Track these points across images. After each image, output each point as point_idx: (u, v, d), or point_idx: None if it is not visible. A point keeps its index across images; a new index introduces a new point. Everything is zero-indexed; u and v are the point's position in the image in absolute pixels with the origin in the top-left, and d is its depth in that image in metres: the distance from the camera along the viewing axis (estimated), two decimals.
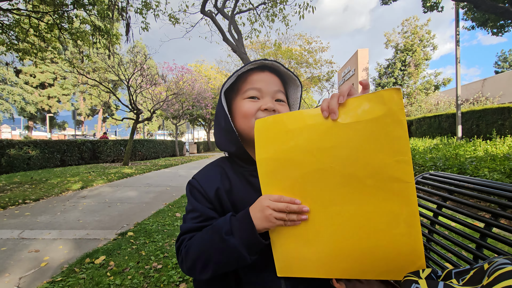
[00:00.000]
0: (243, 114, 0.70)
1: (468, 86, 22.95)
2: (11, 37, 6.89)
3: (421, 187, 1.06)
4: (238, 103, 0.73)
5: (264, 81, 0.71)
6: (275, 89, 0.71)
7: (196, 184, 0.72)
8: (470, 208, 0.81)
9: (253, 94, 0.70)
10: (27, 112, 34.40)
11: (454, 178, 0.92)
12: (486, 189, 0.76)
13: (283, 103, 0.73)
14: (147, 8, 6.43)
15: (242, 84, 0.72)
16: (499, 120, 10.21)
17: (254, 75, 0.71)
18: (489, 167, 4.36)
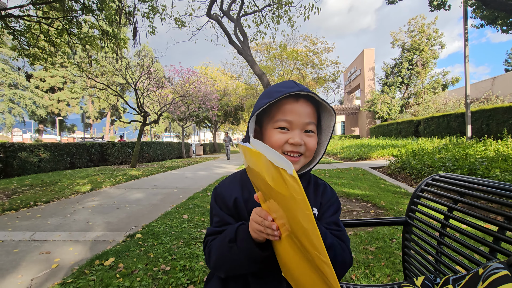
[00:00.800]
0: (271, 144, 0.71)
1: (478, 85, 22.52)
2: (22, 43, 7.06)
3: (430, 189, 1.05)
4: (268, 130, 0.74)
5: (296, 113, 0.70)
6: (306, 121, 0.71)
7: (219, 192, 0.79)
8: (482, 210, 0.80)
9: (284, 125, 0.70)
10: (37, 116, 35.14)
11: (465, 180, 0.90)
12: (498, 191, 0.75)
13: (312, 134, 0.73)
14: (154, 12, 6.52)
15: (274, 110, 0.72)
16: (510, 119, 9.98)
17: (287, 103, 0.70)
18: (500, 168, 4.27)
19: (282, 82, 0.75)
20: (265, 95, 0.72)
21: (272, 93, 0.70)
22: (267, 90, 0.75)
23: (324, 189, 0.82)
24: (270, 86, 0.76)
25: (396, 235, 2.78)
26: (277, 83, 0.75)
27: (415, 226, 1.06)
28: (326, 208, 0.79)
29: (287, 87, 0.70)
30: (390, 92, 25.78)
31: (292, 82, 0.72)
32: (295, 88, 0.69)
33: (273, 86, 0.74)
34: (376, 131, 23.95)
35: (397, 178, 6.47)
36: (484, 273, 0.40)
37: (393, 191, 4.95)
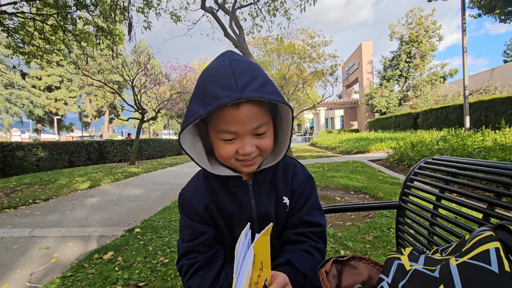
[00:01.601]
0: (220, 156, 0.64)
1: (476, 77, 22.48)
2: (17, 40, 7.00)
3: (423, 172, 1.05)
4: (213, 138, 0.64)
5: (240, 122, 0.57)
6: (254, 127, 0.59)
7: (186, 200, 0.72)
8: (475, 189, 0.80)
9: (229, 138, 0.60)
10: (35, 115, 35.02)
11: (456, 161, 0.90)
12: (488, 169, 0.75)
13: (264, 135, 0.62)
14: (149, 6, 6.45)
15: (214, 118, 0.60)
16: (509, 110, 9.98)
17: (226, 112, 0.57)
18: (498, 157, 4.28)
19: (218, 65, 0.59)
20: (198, 90, 0.59)
21: (205, 96, 0.56)
22: (198, 88, 0.60)
23: (294, 172, 0.76)
24: (201, 78, 0.60)
25: (393, 225, 2.80)
26: (209, 70, 0.60)
27: (408, 209, 1.06)
28: (299, 194, 0.74)
29: (223, 86, 0.55)
30: (389, 85, 25.73)
31: (229, 73, 0.56)
32: (233, 92, 0.53)
33: (207, 75, 0.59)
34: (375, 124, 23.95)
35: (396, 170, 6.48)
36: (470, 237, 0.41)
37: (391, 182, 4.96)
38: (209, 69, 0.60)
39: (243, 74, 0.56)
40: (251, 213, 0.70)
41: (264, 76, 0.58)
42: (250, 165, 0.64)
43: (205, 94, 0.56)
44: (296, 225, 0.73)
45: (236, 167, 0.66)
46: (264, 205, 0.71)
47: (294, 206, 0.74)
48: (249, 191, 0.70)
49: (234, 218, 0.70)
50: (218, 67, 0.58)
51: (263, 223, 0.70)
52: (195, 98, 0.59)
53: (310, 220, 0.72)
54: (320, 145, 18.42)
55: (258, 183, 0.71)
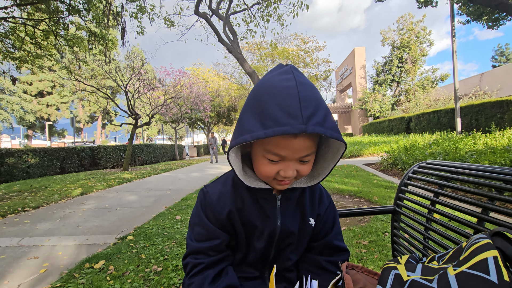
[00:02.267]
0: (260, 173, 0.64)
1: (466, 81, 22.96)
2: (7, 45, 6.90)
3: (417, 176, 1.04)
4: (257, 153, 0.63)
5: (291, 149, 0.57)
6: (303, 155, 0.59)
7: (209, 201, 0.70)
8: (468, 194, 0.80)
9: (276, 159, 0.59)
10: (26, 121, 34.44)
11: (450, 165, 0.90)
12: (482, 173, 0.75)
13: (307, 162, 0.62)
14: (142, 12, 6.44)
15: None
16: (498, 114, 10.20)
17: (282, 137, 0.55)
18: (489, 160, 4.35)
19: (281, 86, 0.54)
20: (257, 108, 0.56)
21: (264, 117, 0.54)
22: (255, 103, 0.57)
23: (320, 197, 0.78)
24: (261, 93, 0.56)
25: (389, 229, 2.80)
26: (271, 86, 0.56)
27: (403, 214, 1.05)
28: (325, 219, 0.77)
29: (287, 111, 0.52)
30: (381, 89, 26.09)
31: (295, 97, 0.52)
32: (298, 122, 0.51)
33: (268, 94, 0.55)
34: (368, 128, 24.19)
35: (390, 174, 6.53)
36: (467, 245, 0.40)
37: (385, 186, 4.99)
38: (272, 86, 0.56)
39: (309, 103, 0.53)
40: (275, 227, 0.71)
41: (325, 107, 0.56)
42: (285, 185, 0.65)
43: (265, 113, 0.54)
44: (325, 250, 0.76)
45: (270, 184, 0.67)
46: (288, 223, 0.72)
47: (321, 230, 0.76)
48: (277, 205, 0.71)
49: (256, 229, 0.71)
50: (283, 88, 0.54)
51: (284, 239, 0.72)
52: (252, 113, 0.56)
53: (339, 245, 0.76)
54: None
55: (286, 200, 0.72)
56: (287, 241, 0.72)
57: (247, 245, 0.72)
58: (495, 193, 0.70)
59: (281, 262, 0.74)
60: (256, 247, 0.71)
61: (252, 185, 0.66)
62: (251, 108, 0.57)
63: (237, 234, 0.71)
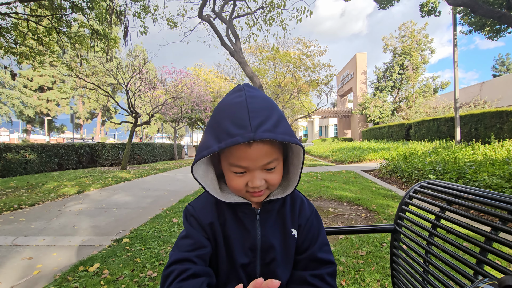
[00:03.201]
0: (231, 187, 0.66)
1: (467, 90, 23.03)
2: (9, 41, 6.88)
3: (419, 196, 1.03)
4: (225, 168, 0.66)
5: (250, 159, 0.60)
6: (264, 163, 0.61)
7: (192, 212, 0.72)
8: (470, 220, 0.79)
9: (240, 171, 0.62)
10: (25, 116, 34.37)
11: (453, 188, 0.89)
12: (486, 200, 0.74)
13: (274, 170, 0.64)
14: (146, 12, 6.44)
15: (226, 152, 0.63)
16: (498, 124, 10.21)
17: (238, 149, 0.59)
18: (488, 171, 4.34)
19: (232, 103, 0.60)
20: (212, 129, 0.61)
21: (219, 132, 0.58)
22: (213, 121, 0.62)
23: (301, 207, 0.76)
24: (217, 111, 0.62)
25: (387, 239, 2.78)
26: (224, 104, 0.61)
27: (403, 234, 1.04)
28: (307, 230, 0.75)
29: (237, 124, 0.56)
30: (382, 96, 26.14)
31: (243, 111, 0.57)
32: (247, 131, 0.55)
33: (222, 110, 0.61)
34: (368, 134, 24.21)
35: (388, 182, 6.52)
36: None
37: (384, 194, 4.98)
38: (225, 104, 0.62)
39: (258, 113, 0.57)
40: (255, 241, 0.70)
41: (278, 115, 0.60)
42: (259, 196, 0.66)
43: (219, 129, 0.59)
44: (309, 264, 0.73)
45: (245, 197, 0.68)
46: (269, 236, 0.71)
47: (303, 242, 0.74)
48: (256, 219, 0.71)
49: (237, 243, 0.70)
50: (234, 104, 0.60)
51: (266, 254, 0.71)
52: (210, 131, 0.61)
53: (323, 257, 0.72)
54: (314, 153, 18.50)
55: (266, 212, 0.72)
56: (271, 255, 0.71)
57: (229, 261, 0.70)
58: (498, 223, 0.69)
59: None
60: (239, 262, 0.70)
61: (229, 201, 0.68)
62: (209, 126, 0.62)
63: (218, 248, 0.70)
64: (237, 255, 0.69)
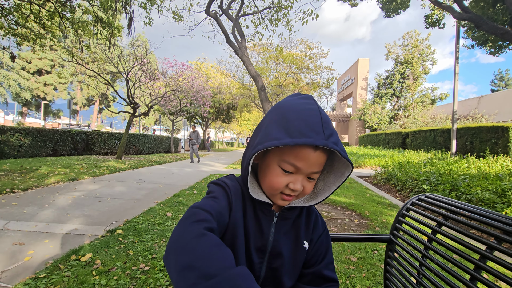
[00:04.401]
0: (269, 181, 0.65)
1: (465, 103, 23.27)
2: (11, 22, 6.78)
3: (416, 209, 1.05)
4: (271, 162, 0.65)
5: (308, 162, 0.61)
6: (315, 171, 0.63)
7: (229, 185, 0.70)
8: (466, 236, 0.81)
9: (290, 170, 0.63)
10: (21, 98, 33.93)
11: (450, 203, 0.91)
12: (482, 218, 0.76)
13: (313, 181, 0.66)
14: (152, 3, 6.38)
15: (287, 147, 0.62)
16: (493, 139, 10.34)
17: (304, 149, 0.60)
18: (481, 186, 4.41)
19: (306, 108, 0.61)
20: (282, 121, 0.61)
21: (291, 128, 0.59)
22: (284, 112, 0.62)
23: (315, 222, 0.78)
24: (289, 105, 0.63)
25: (378, 247, 2.82)
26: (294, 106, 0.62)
27: (398, 245, 1.06)
28: (318, 246, 0.76)
29: (312, 128, 0.58)
30: (381, 102, 26.29)
31: (317, 118, 0.60)
32: (320, 138, 0.57)
33: (294, 112, 0.61)
34: (365, 140, 24.35)
35: (383, 189, 6.58)
36: None
37: (377, 201, 5.03)
38: (296, 105, 0.63)
39: (328, 125, 0.61)
40: (266, 243, 0.71)
41: (337, 133, 0.63)
42: (287, 201, 0.67)
43: (290, 126, 0.59)
44: (314, 279, 0.74)
45: (272, 197, 0.68)
46: (280, 242, 0.71)
47: (312, 257, 0.76)
48: (273, 222, 0.72)
49: (250, 238, 0.69)
50: (306, 109, 0.61)
51: (274, 259, 0.71)
52: (276, 126, 0.61)
53: (329, 275, 0.74)
54: None
55: (283, 219, 0.73)
56: (278, 261, 0.71)
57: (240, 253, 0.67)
58: (494, 242, 0.71)
59: (274, 286, 0.74)
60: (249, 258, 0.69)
61: (257, 198, 0.68)
62: (275, 121, 0.62)
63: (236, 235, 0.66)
64: (249, 251, 0.69)
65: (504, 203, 3.81)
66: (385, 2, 10.55)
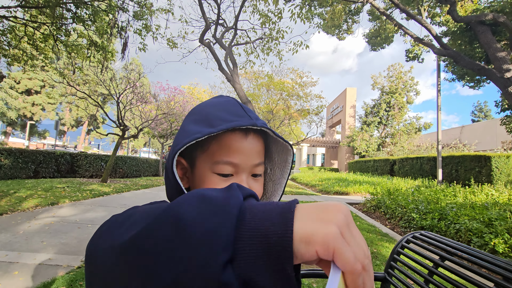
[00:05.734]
0: None
1: (448, 132, 24.20)
2: (3, 43, 6.78)
3: (411, 247, 1.02)
4: (204, 172, 0.53)
5: (244, 153, 0.52)
6: (255, 163, 0.54)
7: None
8: (462, 279, 0.77)
9: (228, 172, 0.52)
10: (7, 118, 33.15)
11: (446, 243, 0.88)
12: (482, 262, 0.73)
13: (259, 177, 0.57)
14: (147, 30, 6.57)
15: (213, 144, 0.52)
16: (477, 167, 10.63)
17: (233, 139, 0.52)
18: (468, 215, 4.43)
19: (222, 100, 0.56)
20: (200, 117, 0.53)
21: (212, 119, 0.51)
22: (201, 110, 0.55)
23: None
24: (203, 104, 0.56)
25: None
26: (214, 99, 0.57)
27: (393, 284, 1.01)
28: None
29: (233, 113, 0.52)
30: (369, 130, 27.02)
31: (237, 105, 0.55)
32: (246, 119, 0.51)
33: (210, 106, 0.55)
34: (354, 166, 24.61)
35: (372, 216, 6.53)
36: None
37: (368, 230, 4.96)
38: (211, 102, 0.56)
39: (251, 111, 0.55)
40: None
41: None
42: None
43: (210, 118, 0.51)
44: None
45: None
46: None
47: None
48: None
49: None
50: (224, 101, 0.56)
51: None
52: (194, 123, 0.52)
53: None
54: (300, 180, 18.53)
55: None
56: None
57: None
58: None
59: None
60: None
61: None
62: (192, 120, 0.54)
63: None
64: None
65: (492, 233, 3.81)
66: (371, 37, 11.22)
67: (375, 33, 11.12)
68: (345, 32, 10.93)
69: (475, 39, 7.59)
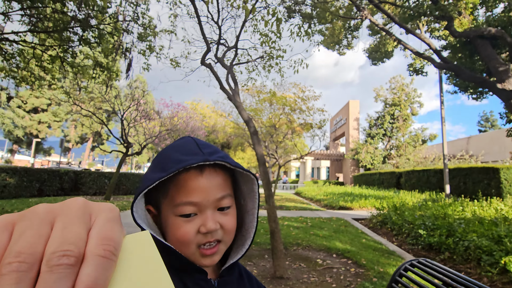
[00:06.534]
0: (177, 239, 0.52)
1: (454, 143, 23.97)
2: (12, 65, 7.01)
3: (408, 275, 0.98)
4: (168, 217, 0.53)
5: (202, 190, 0.52)
6: (218, 197, 0.53)
7: None
8: None
9: (189, 212, 0.52)
10: (13, 136, 33.77)
11: (445, 274, 0.85)
12: None
13: (228, 210, 0.56)
14: (151, 51, 6.76)
15: (171, 188, 0.53)
16: (485, 180, 10.41)
17: (189, 178, 0.52)
18: (477, 231, 4.31)
19: (179, 142, 0.58)
20: (157, 163, 0.55)
21: (166, 163, 0.52)
22: (160, 155, 0.56)
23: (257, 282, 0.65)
24: (164, 148, 0.58)
25: None
26: (174, 143, 0.59)
27: None
28: None
29: (187, 152, 0.53)
30: (373, 142, 26.86)
31: (192, 143, 0.55)
32: (198, 156, 0.51)
33: (169, 149, 0.56)
34: (359, 179, 24.33)
35: (379, 233, 6.38)
36: None
37: (374, 247, 4.84)
38: (172, 144, 0.58)
39: (208, 145, 0.56)
40: None
41: (225, 153, 0.57)
42: (212, 254, 0.53)
43: (167, 161, 0.53)
44: None
45: (195, 259, 0.53)
46: None
47: None
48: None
49: None
50: (181, 142, 0.58)
51: None
52: (153, 169, 0.54)
53: None
54: (305, 195, 18.32)
55: (225, 285, 0.56)
56: None
57: None
58: None
59: None
60: None
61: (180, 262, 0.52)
62: (151, 168, 0.56)
63: None
64: None
65: (502, 251, 3.69)
66: (371, 51, 11.38)
67: (375, 48, 11.28)
68: (346, 47, 11.11)
69: (476, 52, 7.64)
